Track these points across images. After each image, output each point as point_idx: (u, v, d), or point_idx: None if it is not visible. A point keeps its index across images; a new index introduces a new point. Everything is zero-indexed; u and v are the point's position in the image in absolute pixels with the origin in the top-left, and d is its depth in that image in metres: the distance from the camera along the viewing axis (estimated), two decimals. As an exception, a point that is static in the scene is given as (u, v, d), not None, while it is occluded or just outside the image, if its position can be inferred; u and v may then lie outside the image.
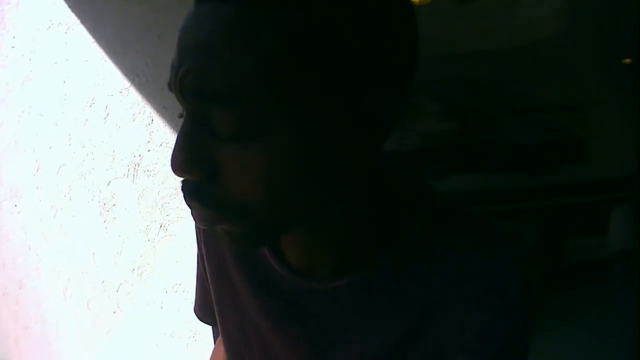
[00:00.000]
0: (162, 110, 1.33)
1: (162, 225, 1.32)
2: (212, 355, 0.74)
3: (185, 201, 0.40)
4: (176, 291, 1.35)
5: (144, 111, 1.34)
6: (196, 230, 0.63)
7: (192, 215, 0.41)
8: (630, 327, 1.87)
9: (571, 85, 2.72)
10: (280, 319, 0.51)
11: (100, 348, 1.50)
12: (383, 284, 0.46)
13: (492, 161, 2.89)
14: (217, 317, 0.60)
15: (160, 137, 1.32)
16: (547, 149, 2.89)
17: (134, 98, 1.37)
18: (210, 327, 0.93)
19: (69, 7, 1.62)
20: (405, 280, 0.46)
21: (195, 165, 0.37)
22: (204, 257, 0.61)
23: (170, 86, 0.39)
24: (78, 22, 1.57)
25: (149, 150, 1.33)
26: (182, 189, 0.40)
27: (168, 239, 1.33)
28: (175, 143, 0.37)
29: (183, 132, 0.37)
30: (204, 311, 0.69)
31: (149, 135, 1.33)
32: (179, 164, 0.37)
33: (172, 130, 1.31)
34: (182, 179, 0.40)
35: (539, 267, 2.55)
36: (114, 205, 1.38)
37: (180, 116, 0.41)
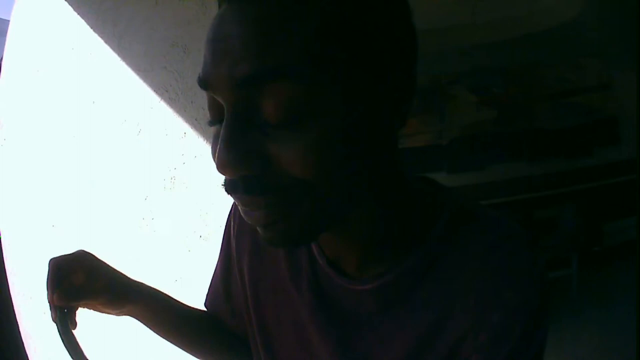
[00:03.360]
0: (194, 122, 1.35)
1: (202, 236, 1.35)
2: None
3: (239, 198, 0.39)
4: (219, 299, 1.37)
5: (176, 125, 1.37)
6: (231, 227, 0.65)
7: (248, 216, 0.40)
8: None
9: (601, 64, 2.71)
10: (315, 312, 0.53)
11: (142, 358, 1.53)
12: (407, 286, 0.48)
13: (530, 148, 2.89)
14: (249, 305, 0.61)
15: (194, 149, 1.34)
16: (582, 132, 2.90)
17: (165, 113, 1.39)
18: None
19: (91, 27, 1.65)
20: (428, 282, 0.47)
21: (248, 158, 0.36)
22: (243, 248, 0.62)
23: (205, 84, 0.38)
24: (102, 42, 1.61)
25: (184, 163, 1.35)
26: (230, 189, 0.39)
27: (208, 249, 1.35)
28: (221, 141, 0.35)
29: (228, 128, 0.36)
30: (216, 304, 0.71)
31: (183, 148, 1.35)
32: (230, 160, 0.35)
33: (205, 141, 1.33)
34: (223, 182, 0.40)
35: (579, 251, 2.55)
36: (152, 219, 1.40)
37: (212, 124, 0.41)
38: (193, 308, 0.74)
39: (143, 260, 1.45)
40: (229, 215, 0.67)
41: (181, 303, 0.73)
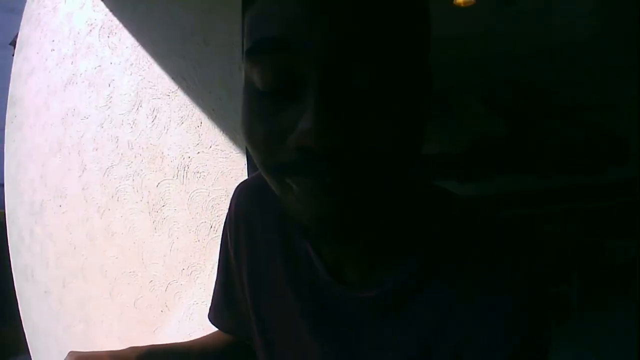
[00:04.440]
0: (211, 112, 1.34)
1: (212, 226, 1.34)
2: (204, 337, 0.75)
3: (310, 179, 0.36)
4: (225, 290, 1.37)
5: (193, 114, 1.36)
6: (229, 225, 0.64)
7: (310, 206, 0.37)
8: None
9: (612, 84, 2.72)
10: (316, 320, 0.53)
11: (146, 346, 1.53)
12: (408, 292, 0.47)
13: (538, 161, 2.90)
14: (250, 313, 0.61)
15: (209, 139, 1.34)
16: (591, 149, 2.90)
17: (181, 101, 1.39)
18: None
19: (111, 11, 1.64)
20: (429, 287, 0.47)
21: (345, 124, 0.34)
22: (241, 258, 0.62)
23: (282, 43, 0.35)
24: (121, 26, 1.60)
25: (198, 153, 1.35)
26: (305, 168, 0.35)
27: (218, 239, 1.35)
28: (315, 107, 0.33)
29: (323, 93, 0.34)
30: (220, 316, 0.71)
31: (199, 138, 1.35)
32: (329, 127, 0.33)
33: (221, 132, 1.33)
34: (284, 165, 0.37)
35: (581, 267, 2.56)
36: (163, 206, 1.40)
37: (265, 93, 0.37)
38: (198, 344, 0.73)
39: (150, 247, 1.44)
40: (224, 227, 0.66)
41: (186, 346, 0.71)
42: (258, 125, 0.38)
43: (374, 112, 0.35)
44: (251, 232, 0.60)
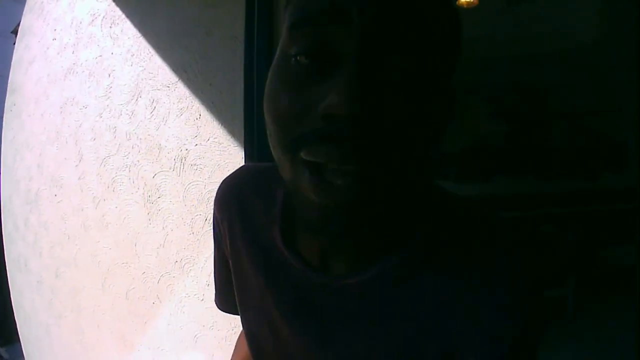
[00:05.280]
0: (211, 105, 1.34)
1: (207, 219, 1.34)
2: (235, 348, 0.76)
3: (333, 153, 0.35)
4: (218, 284, 1.36)
5: (192, 106, 1.36)
6: (217, 225, 0.65)
7: (328, 187, 0.36)
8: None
9: (616, 89, 2.73)
10: (290, 311, 0.53)
11: (137, 339, 1.52)
12: (393, 285, 0.47)
13: (538, 164, 2.91)
14: (238, 305, 0.62)
15: (208, 131, 1.33)
16: (590, 154, 2.91)
17: (181, 93, 1.38)
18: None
19: (114, 1, 1.64)
20: (416, 282, 0.46)
21: (370, 104, 0.35)
22: (228, 249, 0.63)
23: (331, 10, 0.36)
24: (123, 16, 1.59)
25: (196, 145, 1.34)
26: (327, 136, 0.35)
27: (212, 233, 1.34)
28: (351, 74, 0.34)
29: (357, 70, 0.35)
30: (225, 302, 0.72)
31: (197, 130, 1.34)
32: (357, 102, 0.34)
33: (220, 125, 1.32)
34: (306, 134, 0.37)
35: (575, 271, 2.57)
36: (158, 197, 1.39)
37: (302, 61, 0.38)
38: None
39: (144, 238, 1.44)
40: (214, 221, 0.66)
41: None
42: (286, 95, 0.38)
43: (402, 104, 0.36)
44: (231, 225, 0.61)
